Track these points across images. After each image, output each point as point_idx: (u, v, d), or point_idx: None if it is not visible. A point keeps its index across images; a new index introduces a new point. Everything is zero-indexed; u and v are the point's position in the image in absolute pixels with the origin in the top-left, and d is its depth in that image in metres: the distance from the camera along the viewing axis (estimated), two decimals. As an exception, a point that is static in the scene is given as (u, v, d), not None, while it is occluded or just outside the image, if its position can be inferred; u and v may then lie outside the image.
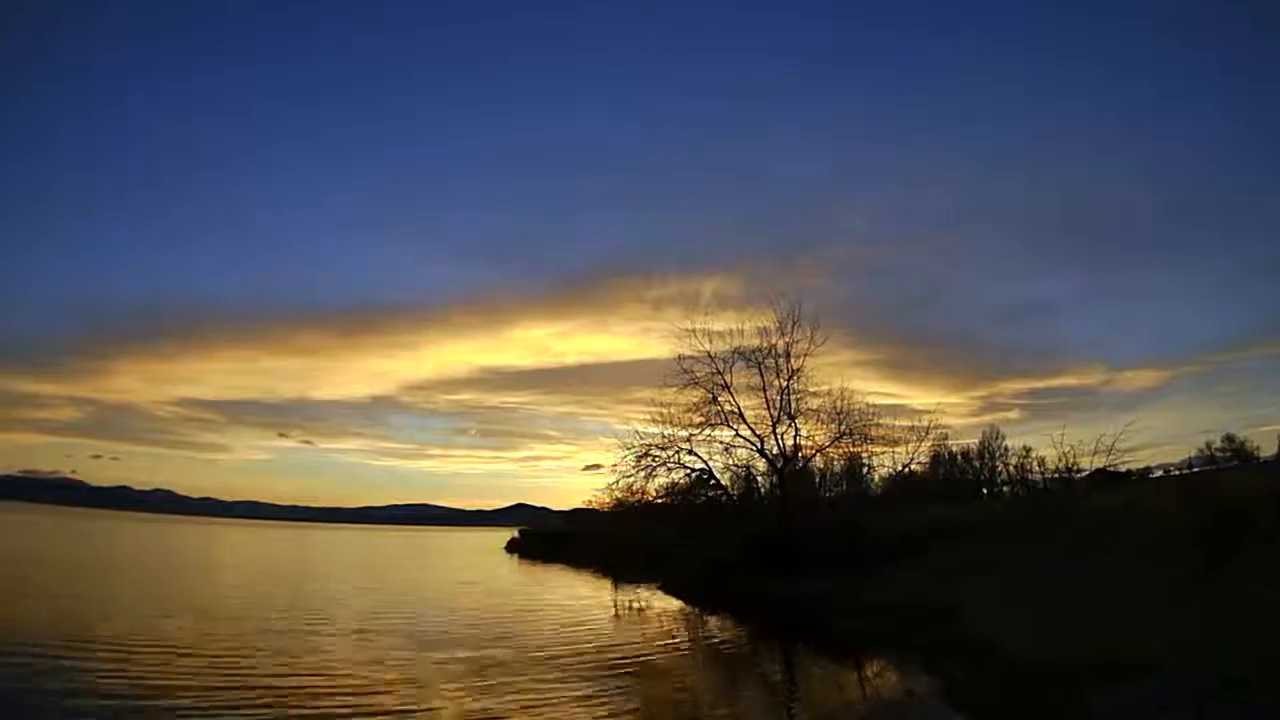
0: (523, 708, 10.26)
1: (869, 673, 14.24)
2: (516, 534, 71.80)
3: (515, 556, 58.20)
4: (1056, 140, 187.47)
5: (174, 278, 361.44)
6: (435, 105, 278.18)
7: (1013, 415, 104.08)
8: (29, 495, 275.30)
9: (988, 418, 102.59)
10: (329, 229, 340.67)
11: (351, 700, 10.28)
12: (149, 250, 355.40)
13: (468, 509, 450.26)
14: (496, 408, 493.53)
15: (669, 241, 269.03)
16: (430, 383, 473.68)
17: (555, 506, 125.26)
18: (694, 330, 29.30)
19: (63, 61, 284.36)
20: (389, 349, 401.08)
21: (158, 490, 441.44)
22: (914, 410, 37.58)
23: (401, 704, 10.23)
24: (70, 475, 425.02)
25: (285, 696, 10.26)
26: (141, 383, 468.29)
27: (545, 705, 10.43)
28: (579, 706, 10.43)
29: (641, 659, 14.63)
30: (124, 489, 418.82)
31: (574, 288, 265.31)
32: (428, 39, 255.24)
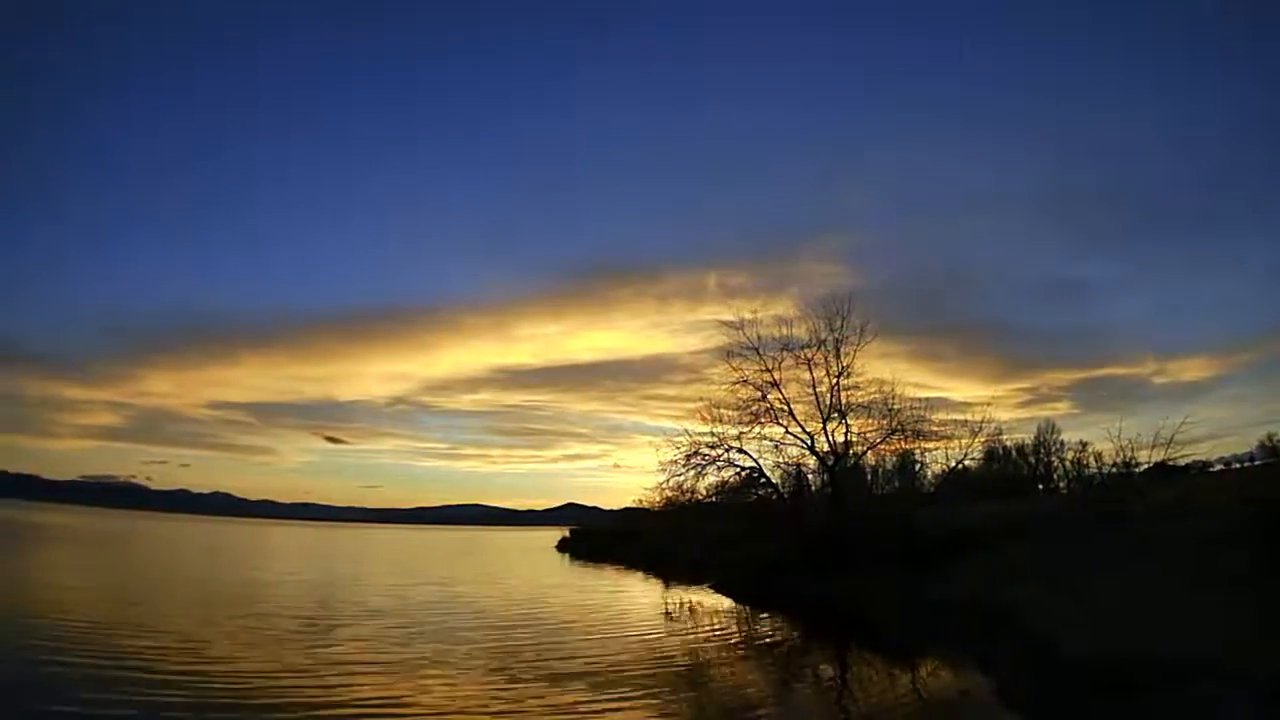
0: (570, 706, 10.57)
1: (923, 672, 14.29)
2: (567, 533, 72.51)
3: (566, 556, 58.93)
4: (1089, 106, 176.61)
5: (195, 285, 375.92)
6: (438, 108, 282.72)
7: (1061, 407, 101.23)
8: (94, 500, 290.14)
9: (1035, 411, 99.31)
10: (338, 234, 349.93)
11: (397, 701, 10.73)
12: (171, 259, 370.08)
13: (519, 509, 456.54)
14: (523, 406, 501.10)
15: (671, 236, 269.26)
16: (454, 383, 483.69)
17: (605, 506, 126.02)
18: (741, 325, 29.49)
19: (86, 81, 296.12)
20: (411, 350, 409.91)
21: (217, 493, 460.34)
22: (954, 403, 37.02)
23: (439, 703, 10.53)
24: (126, 479, 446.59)
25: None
26: (174, 387, 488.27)
27: (592, 703, 10.75)
28: (629, 704, 10.74)
29: (693, 658, 14.97)
30: (184, 492, 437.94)
31: (578, 285, 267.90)
32: (429, 41, 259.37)
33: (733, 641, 18.23)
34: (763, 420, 29.16)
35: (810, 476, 31.75)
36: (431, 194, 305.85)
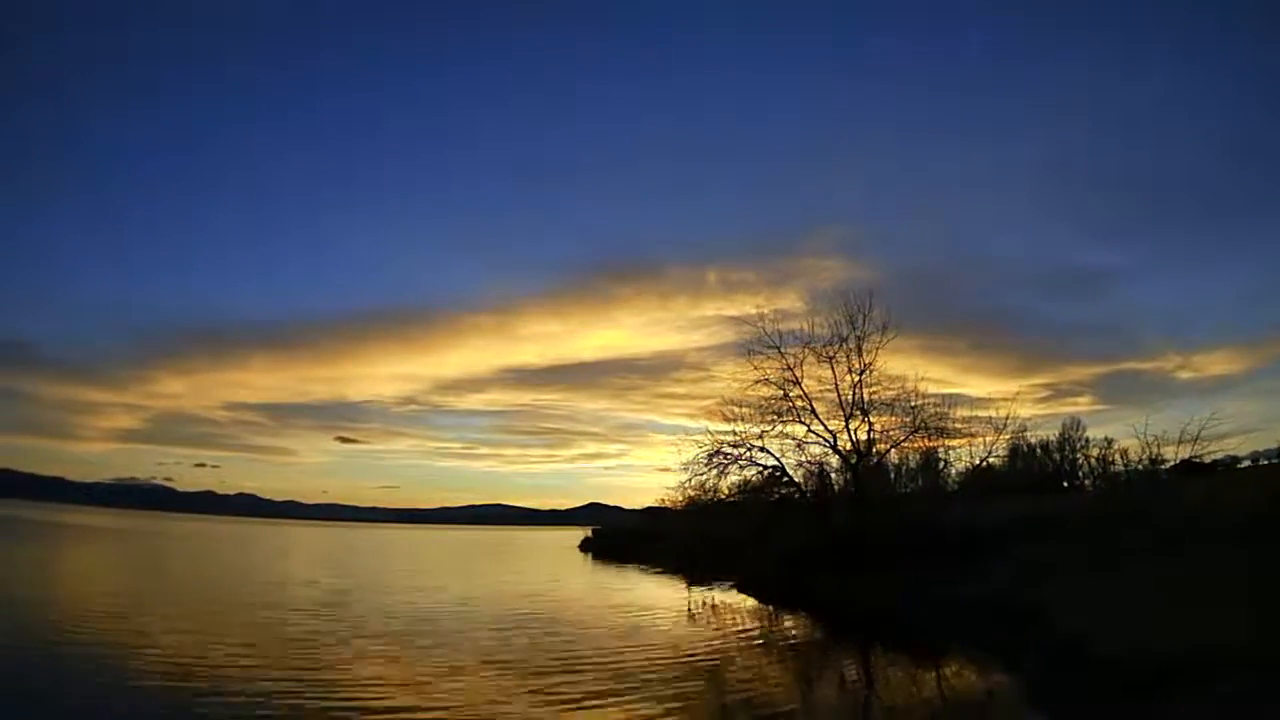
0: (595, 704, 10.69)
1: (948, 672, 14.32)
2: (589, 533, 72.65)
3: (589, 556, 59.19)
4: (1099, 86, 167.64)
5: (202, 288, 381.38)
6: (439, 110, 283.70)
7: (1083, 402, 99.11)
8: (125, 502, 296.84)
9: (1056, 407, 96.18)
10: (339, 236, 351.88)
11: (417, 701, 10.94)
12: (179, 263, 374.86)
13: (542, 508, 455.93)
14: (533, 406, 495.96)
15: (671, 232, 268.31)
16: (462, 383, 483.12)
17: (627, 505, 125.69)
18: (760, 321, 29.52)
19: (96, 88, 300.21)
20: (416, 351, 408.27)
21: (242, 494, 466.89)
22: (972, 399, 36.70)
23: (462, 700, 10.68)
24: (148, 480, 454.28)
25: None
26: (187, 389, 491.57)
27: (616, 701, 10.85)
28: (653, 703, 10.82)
29: (716, 658, 15.10)
30: (210, 494, 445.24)
31: (578, 283, 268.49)
32: (428, 39, 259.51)
33: (757, 640, 18.35)
34: (785, 419, 29.19)
35: (833, 475, 31.62)
36: (431, 195, 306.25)
